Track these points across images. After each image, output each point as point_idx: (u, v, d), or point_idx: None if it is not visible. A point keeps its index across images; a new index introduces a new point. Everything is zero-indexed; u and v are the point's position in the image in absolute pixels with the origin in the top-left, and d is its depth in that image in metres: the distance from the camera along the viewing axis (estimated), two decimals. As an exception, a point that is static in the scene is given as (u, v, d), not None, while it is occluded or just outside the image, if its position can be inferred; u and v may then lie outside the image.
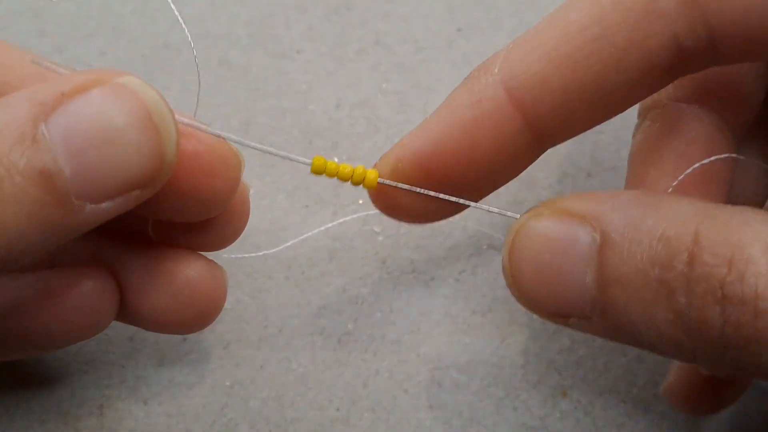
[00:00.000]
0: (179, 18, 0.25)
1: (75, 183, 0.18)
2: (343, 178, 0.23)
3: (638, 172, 0.24)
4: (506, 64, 0.22)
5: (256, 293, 0.31)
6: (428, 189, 0.23)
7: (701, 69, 0.22)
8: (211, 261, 0.25)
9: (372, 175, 0.23)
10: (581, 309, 0.20)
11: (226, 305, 0.30)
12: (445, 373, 0.30)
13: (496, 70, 0.22)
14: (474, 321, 0.30)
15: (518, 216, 0.22)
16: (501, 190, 0.32)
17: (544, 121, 0.22)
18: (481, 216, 0.32)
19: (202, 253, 0.25)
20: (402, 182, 0.23)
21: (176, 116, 0.21)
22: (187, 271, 0.24)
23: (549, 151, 0.33)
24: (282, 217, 0.32)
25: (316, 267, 0.31)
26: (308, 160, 0.23)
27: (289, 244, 0.31)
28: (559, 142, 0.23)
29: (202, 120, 0.33)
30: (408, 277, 0.31)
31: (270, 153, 0.24)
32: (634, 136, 0.25)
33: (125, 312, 0.25)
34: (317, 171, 0.23)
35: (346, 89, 0.34)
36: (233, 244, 0.31)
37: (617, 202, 0.20)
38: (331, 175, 0.23)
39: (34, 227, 0.18)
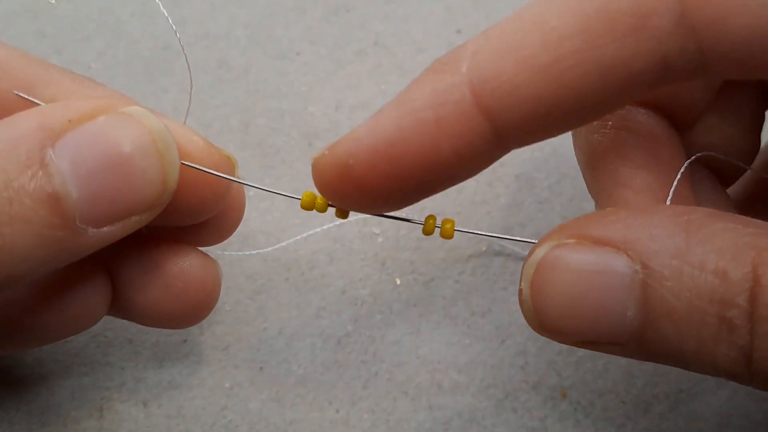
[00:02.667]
0: (169, 20, 0.25)
1: (81, 207, 0.19)
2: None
3: (606, 179, 0.23)
4: (475, 64, 0.20)
5: (256, 295, 0.31)
6: (379, 187, 0.21)
7: (684, 83, 0.21)
8: (205, 254, 0.25)
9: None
10: (618, 339, 0.19)
11: (226, 307, 0.30)
12: (445, 374, 0.30)
13: (463, 69, 0.20)
14: (473, 322, 0.30)
15: (534, 241, 0.20)
16: (500, 191, 0.32)
17: (511, 127, 0.20)
18: (479, 219, 0.32)
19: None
20: (350, 180, 0.21)
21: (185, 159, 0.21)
22: (180, 263, 0.24)
23: (548, 151, 0.33)
24: (281, 219, 0.32)
25: (316, 269, 0.31)
26: (298, 197, 0.23)
27: (283, 244, 0.31)
28: (524, 146, 0.22)
29: (201, 120, 0.34)
30: (407, 278, 0.31)
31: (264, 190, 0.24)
32: (578, 136, 0.24)
33: (118, 305, 0.25)
34: (306, 207, 0.23)
35: (345, 90, 0.34)
36: (233, 245, 0.31)
37: (653, 228, 0.18)
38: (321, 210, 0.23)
39: (40, 249, 0.19)
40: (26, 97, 0.22)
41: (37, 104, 0.21)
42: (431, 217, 0.23)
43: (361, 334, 0.30)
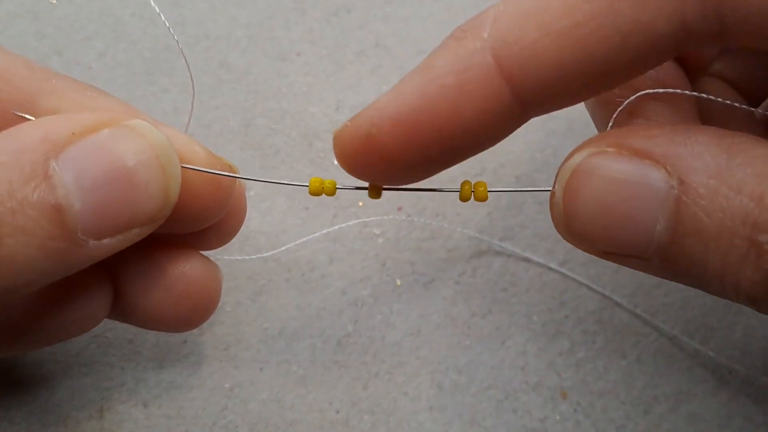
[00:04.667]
0: (167, 26, 0.25)
1: (83, 219, 0.19)
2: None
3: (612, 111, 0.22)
4: (496, 30, 0.20)
5: (256, 296, 0.31)
6: (402, 156, 0.21)
7: (704, 49, 0.21)
8: (206, 257, 0.25)
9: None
10: (643, 252, 0.19)
11: (226, 307, 0.30)
12: (445, 375, 0.30)
13: (485, 35, 0.20)
14: (474, 323, 0.30)
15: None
16: (501, 193, 0.32)
17: (532, 93, 0.20)
18: (479, 220, 0.32)
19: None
20: (373, 150, 0.21)
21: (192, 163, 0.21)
22: (182, 267, 0.25)
23: (549, 153, 0.33)
24: (282, 220, 0.32)
25: (317, 269, 0.31)
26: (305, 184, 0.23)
27: (282, 249, 0.31)
28: (545, 113, 0.22)
29: (202, 120, 0.34)
30: (408, 279, 0.31)
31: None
32: None
33: (119, 308, 0.25)
34: (315, 193, 0.23)
35: (345, 91, 0.34)
36: (233, 246, 0.31)
37: (695, 146, 0.18)
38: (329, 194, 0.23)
39: (41, 260, 0.19)
40: (23, 115, 0.22)
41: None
42: (467, 182, 0.23)
43: (362, 334, 0.30)
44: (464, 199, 0.23)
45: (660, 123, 0.20)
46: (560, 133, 0.33)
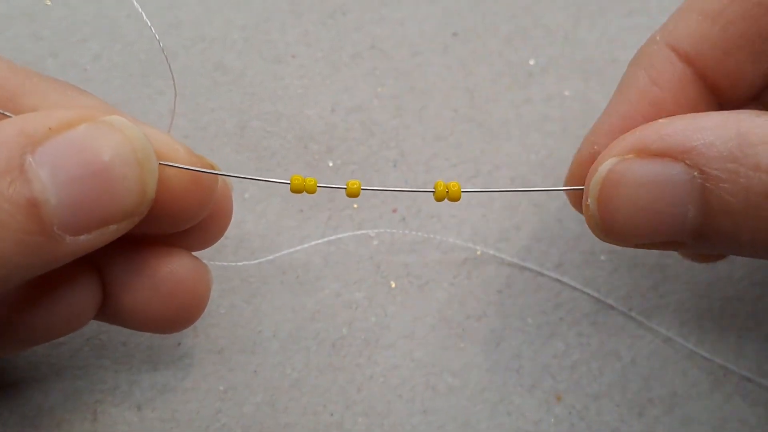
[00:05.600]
0: (152, 29, 0.25)
1: (59, 214, 0.19)
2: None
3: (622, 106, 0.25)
4: (665, 30, 0.24)
5: (251, 298, 0.31)
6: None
7: None
8: (194, 257, 0.25)
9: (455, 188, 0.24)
10: (679, 237, 0.21)
11: (221, 310, 0.30)
12: (440, 378, 0.30)
13: (657, 38, 0.24)
14: (468, 325, 0.30)
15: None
16: (496, 195, 0.32)
17: (712, 72, 0.23)
18: (475, 221, 0.32)
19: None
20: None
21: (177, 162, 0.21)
22: (170, 266, 0.24)
23: (544, 155, 0.33)
24: (276, 222, 0.32)
25: (311, 271, 0.31)
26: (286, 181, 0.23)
27: (273, 257, 0.31)
28: (737, 100, 0.24)
29: (197, 123, 0.33)
30: (402, 281, 0.31)
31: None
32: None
33: (107, 308, 0.25)
34: (296, 190, 0.24)
35: (341, 93, 0.34)
36: (228, 248, 0.31)
37: (707, 135, 0.20)
38: (311, 192, 0.24)
39: (17, 255, 0.19)
40: (2, 112, 0.22)
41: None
42: (440, 183, 0.24)
43: (356, 337, 0.30)
44: (439, 199, 0.24)
45: (669, 119, 0.21)
46: (556, 134, 0.33)
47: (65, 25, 0.35)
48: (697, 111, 0.24)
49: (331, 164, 0.33)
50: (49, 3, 0.36)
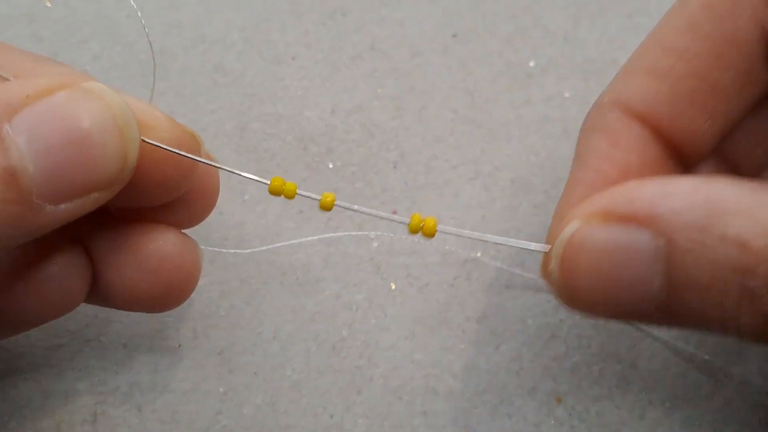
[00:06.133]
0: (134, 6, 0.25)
1: (38, 182, 0.19)
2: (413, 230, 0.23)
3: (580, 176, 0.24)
4: (613, 92, 0.23)
5: (251, 299, 0.31)
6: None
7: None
8: (182, 233, 0.25)
9: (431, 222, 0.23)
10: (645, 310, 0.19)
11: (221, 311, 0.30)
12: (440, 380, 0.30)
13: (605, 100, 0.23)
14: (468, 327, 0.30)
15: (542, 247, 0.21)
16: (496, 195, 0.32)
17: (668, 130, 0.22)
18: (474, 223, 0.32)
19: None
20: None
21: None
22: (155, 241, 0.24)
23: (544, 156, 0.33)
24: (276, 223, 0.32)
25: (311, 273, 0.31)
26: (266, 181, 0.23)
27: (265, 248, 0.31)
28: (697, 155, 0.23)
29: (197, 124, 0.33)
30: (402, 283, 0.31)
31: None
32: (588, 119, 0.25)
33: (97, 288, 0.25)
34: (275, 192, 0.23)
35: (341, 95, 0.34)
36: (228, 247, 0.31)
37: (674, 201, 0.19)
38: (288, 197, 0.23)
39: None
40: None
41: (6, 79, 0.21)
42: (416, 216, 0.23)
43: (356, 338, 0.30)
44: (412, 231, 0.23)
45: (638, 182, 0.20)
46: (556, 136, 0.33)
47: (65, 25, 0.35)
48: (662, 170, 0.23)
49: (331, 166, 0.33)
50: (49, 4, 0.36)
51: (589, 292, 0.20)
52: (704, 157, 0.24)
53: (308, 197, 0.23)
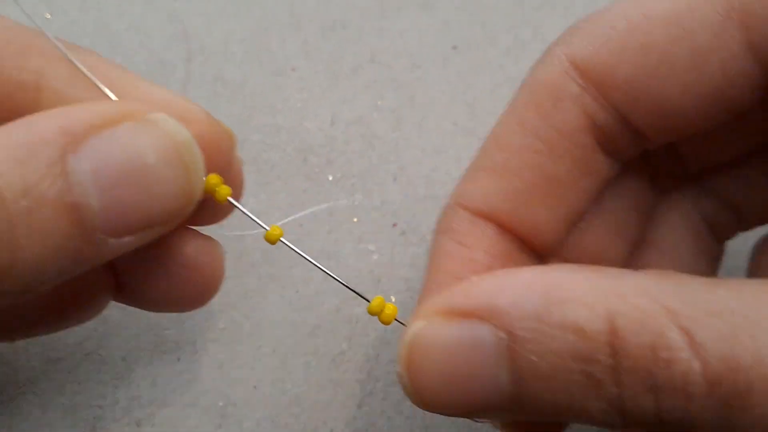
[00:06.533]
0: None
1: (102, 218, 0.18)
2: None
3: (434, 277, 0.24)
4: (456, 193, 0.23)
5: (250, 313, 0.30)
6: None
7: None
8: (208, 236, 0.24)
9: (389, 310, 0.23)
10: (496, 405, 0.19)
11: (220, 325, 0.30)
12: (440, 393, 0.29)
13: (451, 202, 0.23)
14: (469, 341, 0.30)
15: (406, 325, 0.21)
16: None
17: (511, 225, 0.22)
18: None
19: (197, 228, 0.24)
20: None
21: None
22: (179, 246, 0.23)
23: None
24: (280, 213, 0.32)
25: (310, 286, 0.31)
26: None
27: (255, 232, 0.30)
28: (546, 247, 0.23)
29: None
30: (403, 295, 0.31)
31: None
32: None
33: (122, 294, 0.24)
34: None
35: (341, 106, 0.34)
36: (228, 262, 0.31)
37: (512, 293, 0.18)
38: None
39: (58, 260, 0.18)
40: (105, 91, 0.21)
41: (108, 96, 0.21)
42: (379, 299, 0.23)
43: (356, 352, 0.30)
44: (371, 313, 0.23)
45: (479, 277, 0.20)
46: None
47: (65, 37, 0.35)
48: (513, 264, 0.23)
49: (330, 177, 0.33)
50: (49, 16, 0.36)
51: (436, 392, 0.19)
52: (555, 247, 0.24)
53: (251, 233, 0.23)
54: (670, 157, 0.26)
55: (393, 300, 0.31)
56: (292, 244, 0.32)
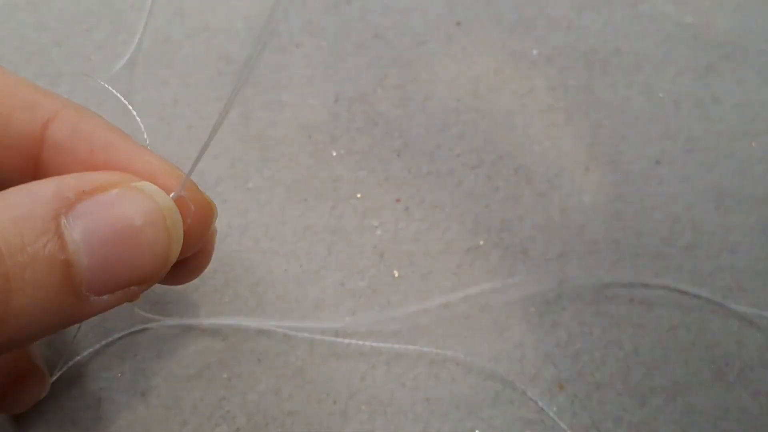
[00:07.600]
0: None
1: (89, 275, 0.19)
2: None
3: None
4: None
5: (255, 287, 0.31)
6: None
7: None
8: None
9: None
10: None
11: (225, 298, 0.30)
12: (443, 367, 0.30)
13: None
14: (472, 314, 0.30)
15: None
16: (499, 185, 0.32)
17: None
18: (478, 212, 0.32)
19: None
20: None
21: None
22: None
23: (548, 145, 0.33)
24: (280, 211, 0.32)
25: (315, 260, 0.31)
26: None
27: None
28: None
29: (201, 112, 0.33)
30: (406, 270, 0.31)
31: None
32: None
33: None
34: None
35: (345, 83, 0.34)
36: (232, 237, 0.31)
37: None
38: None
39: (48, 314, 0.19)
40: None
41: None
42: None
43: (359, 325, 0.30)
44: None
45: None
46: (559, 125, 0.33)
47: (69, 14, 0.35)
48: None
49: (334, 154, 0.33)
50: None
51: None
52: None
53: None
54: None
55: (396, 274, 0.31)
56: (296, 221, 0.32)
